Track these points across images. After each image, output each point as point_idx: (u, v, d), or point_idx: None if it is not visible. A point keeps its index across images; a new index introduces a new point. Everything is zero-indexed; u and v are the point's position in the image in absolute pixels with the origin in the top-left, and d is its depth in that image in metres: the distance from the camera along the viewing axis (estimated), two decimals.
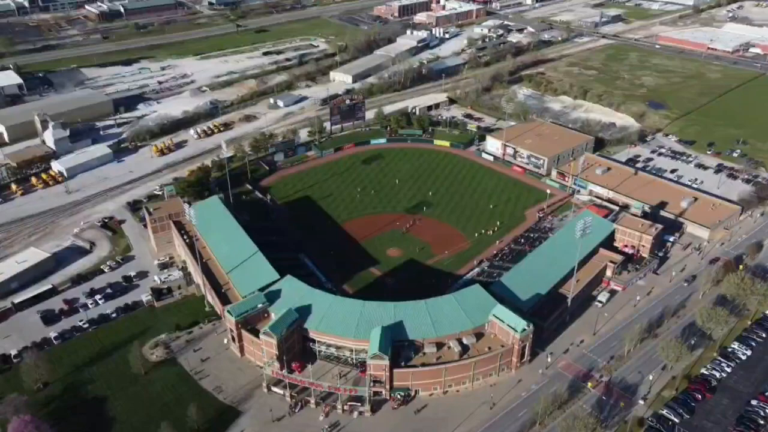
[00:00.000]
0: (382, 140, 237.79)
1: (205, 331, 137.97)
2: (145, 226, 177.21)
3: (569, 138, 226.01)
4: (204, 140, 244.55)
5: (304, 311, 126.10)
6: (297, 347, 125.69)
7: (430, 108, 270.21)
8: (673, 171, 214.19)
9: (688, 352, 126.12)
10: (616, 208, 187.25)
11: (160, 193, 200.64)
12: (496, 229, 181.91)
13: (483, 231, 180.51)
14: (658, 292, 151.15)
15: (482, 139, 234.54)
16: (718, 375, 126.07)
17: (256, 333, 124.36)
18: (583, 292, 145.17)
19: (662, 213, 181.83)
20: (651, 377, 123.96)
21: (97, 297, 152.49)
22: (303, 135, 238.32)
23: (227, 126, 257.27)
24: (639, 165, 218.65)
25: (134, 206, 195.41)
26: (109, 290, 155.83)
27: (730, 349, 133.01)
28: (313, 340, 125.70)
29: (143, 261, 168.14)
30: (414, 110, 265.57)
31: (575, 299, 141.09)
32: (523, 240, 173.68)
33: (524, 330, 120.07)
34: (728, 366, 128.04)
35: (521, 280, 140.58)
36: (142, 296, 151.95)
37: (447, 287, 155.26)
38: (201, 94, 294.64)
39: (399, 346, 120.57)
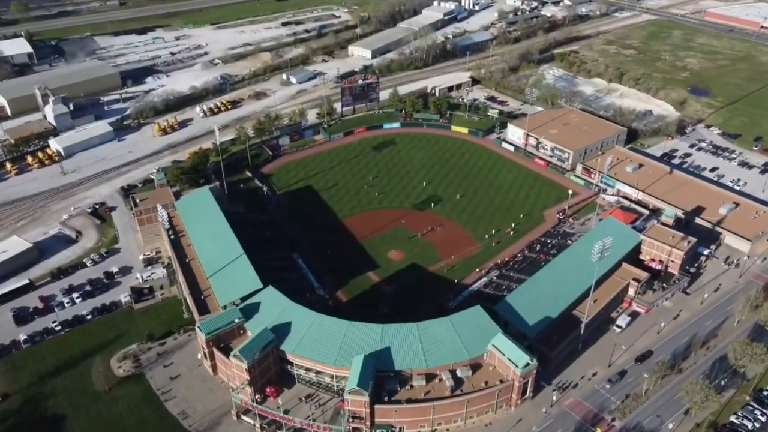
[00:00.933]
0: (396, 124, 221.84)
1: (180, 342, 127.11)
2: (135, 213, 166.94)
3: (599, 128, 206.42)
4: (209, 119, 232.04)
5: (283, 330, 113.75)
6: (274, 369, 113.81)
7: (451, 89, 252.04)
8: (713, 170, 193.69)
9: (716, 397, 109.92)
10: (646, 211, 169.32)
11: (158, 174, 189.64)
12: (510, 231, 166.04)
13: (493, 232, 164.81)
14: (686, 316, 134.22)
15: (504, 126, 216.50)
16: (749, 425, 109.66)
17: (230, 351, 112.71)
18: (601, 314, 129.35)
19: (697, 220, 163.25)
20: (671, 425, 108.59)
21: (75, 295, 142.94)
22: (312, 117, 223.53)
23: (235, 104, 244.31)
24: (675, 161, 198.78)
25: (128, 191, 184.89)
26: (88, 287, 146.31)
27: (766, 393, 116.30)
28: (292, 363, 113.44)
29: (128, 255, 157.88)
30: (433, 91, 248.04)
31: (590, 323, 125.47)
32: (538, 246, 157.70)
33: (527, 365, 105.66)
34: (762, 414, 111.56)
35: (529, 300, 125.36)
36: (121, 296, 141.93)
37: (449, 300, 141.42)
38: (213, 67, 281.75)
39: (383, 377, 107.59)
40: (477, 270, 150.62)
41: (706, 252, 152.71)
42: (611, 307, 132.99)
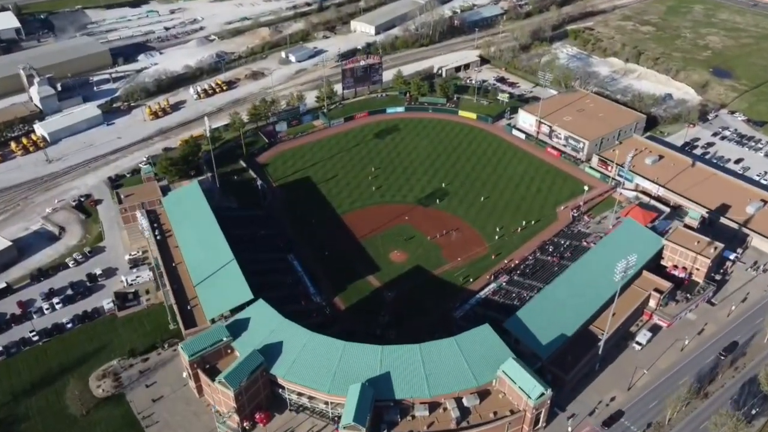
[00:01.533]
0: (400, 108, 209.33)
1: (164, 358, 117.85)
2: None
3: (616, 115, 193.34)
4: (204, 101, 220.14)
5: (273, 351, 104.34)
6: (264, 393, 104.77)
7: (458, 69, 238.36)
8: (738, 161, 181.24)
9: (746, 428, 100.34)
10: (667, 209, 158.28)
11: (144, 167, 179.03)
12: (520, 229, 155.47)
13: (499, 229, 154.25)
14: (712, 330, 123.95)
15: (515, 110, 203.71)
16: None
17: (218, 372, 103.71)
18: (619, 329, 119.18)
19: (722, 219, 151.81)
20: None
21: (55, 300, 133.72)
22: (311, 99, 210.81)
23: (231, 84, 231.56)
24: (697, 151, 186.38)
25: (115, 182, 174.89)
26: (69, 291, 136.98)
27: None
28: (283, 386, 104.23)
29: (114, 254, 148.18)
30: (440, 71, 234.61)
31: (608, 339, 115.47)
32: (551, 248, 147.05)
33: (541, 396, 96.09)
34: None
35: (542, 315, 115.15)
36: (104, 302, 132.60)
37: (454, 308, 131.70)
38: (208, 43, 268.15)
39: (383, 407, 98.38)
40: (487, 276, 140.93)
41: (732, 256, 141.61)
42: (630, 320, 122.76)
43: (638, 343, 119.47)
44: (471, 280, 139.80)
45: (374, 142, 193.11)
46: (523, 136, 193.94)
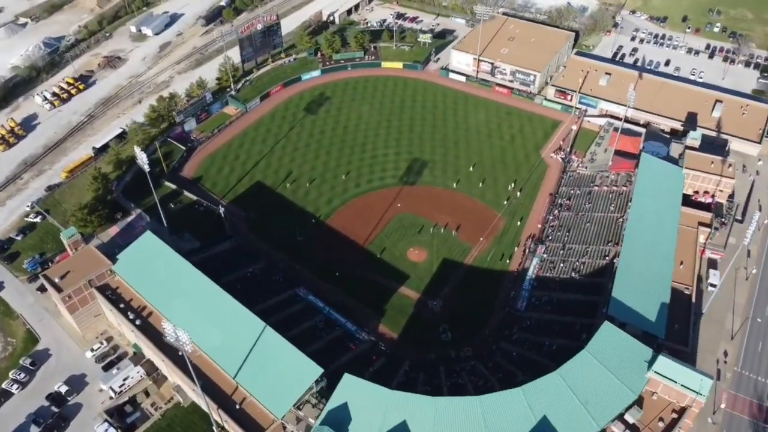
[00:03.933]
0: (316, 73, 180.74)
1: None
2: (40, 288, 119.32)
3: (548, 38, 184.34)
4: (62, 110, 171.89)
5: None
6: None
7: (350, 11, 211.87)
8: (667, 63, 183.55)
9: None
10: (642, 129, 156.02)
11: (36, 220, 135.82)
12: (511, 187, 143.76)
13: (507, 193, 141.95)
14: (757, 249, 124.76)
15: (439, 50, 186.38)
16: None
17: None
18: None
19: (699, 129, 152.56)
20: None
21: None
22: (210, 81, 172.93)
23: (86, 80, 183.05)
24: (628, 60, 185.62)
25: (4, 250, 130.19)
26: (35, 430, 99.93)
27: None
28: None
29: (67, 356, 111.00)
30: (332, 17, 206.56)
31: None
32: (565, 201, 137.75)
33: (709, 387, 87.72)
34: None
35: (633, 290, 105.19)
36: (97, 428, 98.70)
37: (514, 301, 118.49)
38: (21, 30, 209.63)
39: None
40: (521, 251, 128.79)
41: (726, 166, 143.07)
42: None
43: (712, 285, 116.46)
44: (508, 261, 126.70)
45: (309, 120, 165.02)
46: (462, 78, 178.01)
